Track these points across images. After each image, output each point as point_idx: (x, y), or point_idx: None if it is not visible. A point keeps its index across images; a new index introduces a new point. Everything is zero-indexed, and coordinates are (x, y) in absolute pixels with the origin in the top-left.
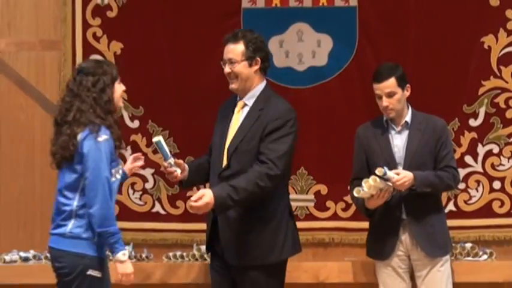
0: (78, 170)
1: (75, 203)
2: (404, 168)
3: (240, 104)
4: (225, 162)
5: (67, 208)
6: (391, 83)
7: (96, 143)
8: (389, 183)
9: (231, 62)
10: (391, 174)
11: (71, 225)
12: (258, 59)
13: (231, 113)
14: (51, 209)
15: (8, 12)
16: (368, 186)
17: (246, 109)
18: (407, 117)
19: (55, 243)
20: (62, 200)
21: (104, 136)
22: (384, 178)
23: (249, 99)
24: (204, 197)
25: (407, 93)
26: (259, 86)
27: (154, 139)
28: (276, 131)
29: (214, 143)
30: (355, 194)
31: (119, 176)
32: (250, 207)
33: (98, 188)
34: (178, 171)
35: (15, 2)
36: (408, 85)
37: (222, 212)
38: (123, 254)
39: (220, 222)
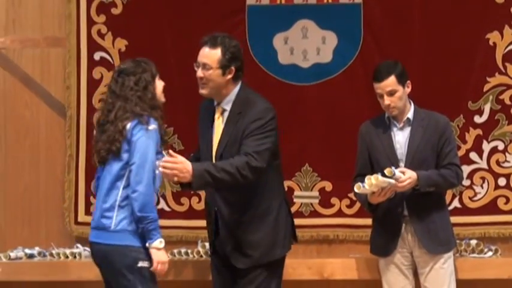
0: (124, 158)
1: (119, 194)
2: (406, 164)
3: (218, 109)
4: None
5: (110, 200)
6: (391, 82)
7: (147, 131)
8: (392, 181)
9: (205, 67)
10: (398, 174)
11: (115, 218)
12: (233, 68)
13: (211, 119)
14: (55, 206)
15: (13, 9)
16: (369, 184)
17: (226, 114)
18: (410, 114)
19: (100, 238)
20: (105, 192)
21: (153, 125)
22: (391, 177)
23: (227, 104)
24: (180, 158)
25: (408, 89)
26: (235, 90)
27: None
28: (256, 130)
29: (201, 150)
30: (356, 190)
31: (160, 170)
32: (244, 208)
33: (144, 174)
34: None
35: (20, 0)
36: (408, 81)
37: (200, 188)
38: (160, 242)
39: (221, 226)
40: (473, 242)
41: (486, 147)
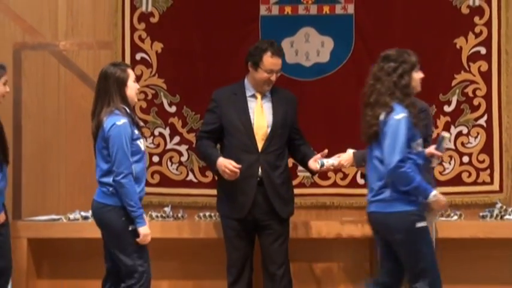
0: (381, 144)
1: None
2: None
3: (258, 96)
4: None
5: (376, 178)
6: None
7: (396, 120)
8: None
9: (277, 72)
10: (328, 164)
11: (389, 191)
12: None
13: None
14: None
15: (72, 18)
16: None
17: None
18: None
19: (379, 208)
20: (371, 172)
21: (401, 114)
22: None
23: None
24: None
25: None
26: None
27: (444, 134)
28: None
29: None
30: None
31: (420, 149)
32: (283, 171)
33: (397, 155)
34: None
35: (77, 11)
36: None
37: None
38: (433, 196)
39: (268, 188)
40: None
41: (453, 131)
